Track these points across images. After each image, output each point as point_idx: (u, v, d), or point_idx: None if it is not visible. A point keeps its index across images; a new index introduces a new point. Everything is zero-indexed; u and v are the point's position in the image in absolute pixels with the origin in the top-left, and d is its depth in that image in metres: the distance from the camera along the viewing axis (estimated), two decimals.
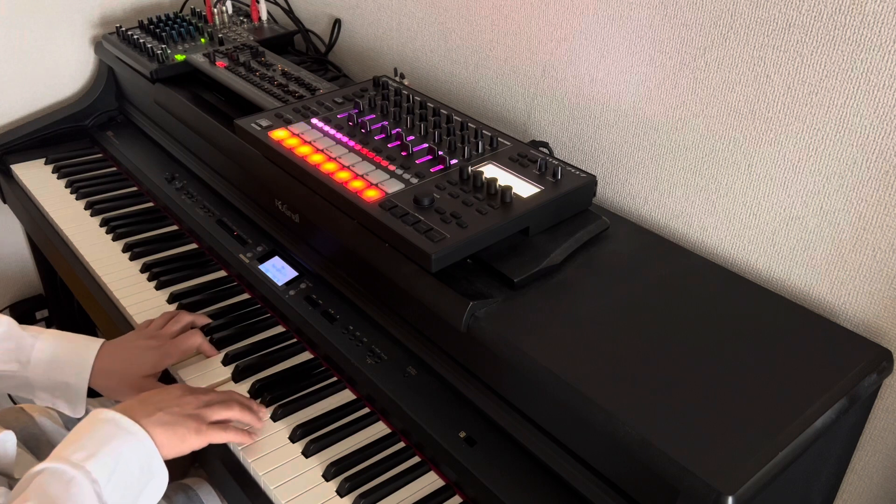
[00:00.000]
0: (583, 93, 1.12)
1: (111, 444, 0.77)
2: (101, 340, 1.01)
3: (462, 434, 0.88)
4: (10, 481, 0.86)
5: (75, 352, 0.98)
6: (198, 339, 1.03)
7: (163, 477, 0.81)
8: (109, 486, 0.75)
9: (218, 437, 0.88)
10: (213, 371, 1.03)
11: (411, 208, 0.90)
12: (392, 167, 0.98)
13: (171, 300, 1.15)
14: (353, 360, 0.98)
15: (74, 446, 0.76)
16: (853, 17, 0.80)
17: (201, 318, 1.09)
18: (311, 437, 0.92)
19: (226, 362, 1.04)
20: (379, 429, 0.95)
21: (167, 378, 1.04)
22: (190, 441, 0.85)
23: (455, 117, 1.10)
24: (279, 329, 1.10)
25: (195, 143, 1.32)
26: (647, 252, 0.97)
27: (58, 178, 1.45)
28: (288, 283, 1.11)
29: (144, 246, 1.26)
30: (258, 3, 1.51)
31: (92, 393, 0.99)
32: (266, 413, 0.96)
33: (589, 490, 0.77)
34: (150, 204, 1.38)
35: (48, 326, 1.75)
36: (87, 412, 1.05)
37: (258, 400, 0.97)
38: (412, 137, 1.04)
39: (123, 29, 1.47)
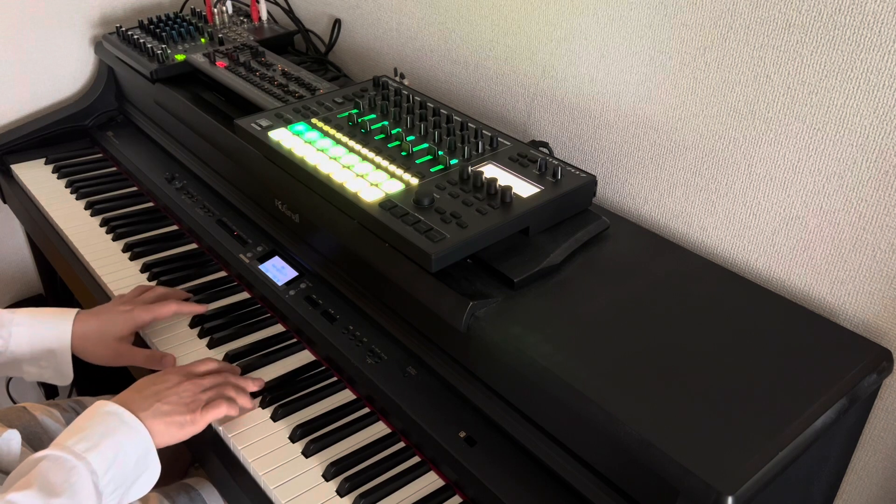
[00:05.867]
0: (583, 93, 1.12)
1: (113, 438, 0.80)
2: (76, 309, 1.04)
3: (462, 434, 0.88)
4: None
5: (53, 320, 1.02)
6: (172, 306, 1.06)
7: (155, 469, 0.84)
8: (107, 478, 0.78)
9: (212, 415, 0.90)
10: None
11: (411, 208, 0.90)
12: (392, 167, 0.98)
13: None
14: (353, 360, 0.98)
15: (77, 437, 0.78)
16: (853, 17, 0.80)
17: (179, 292, 1.11)
18: (311, 437, 0.92)
19: (225, 361, 1.04)
20: (379, 429, 0.95)
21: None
22: (187, 428, 0.88)
23: (455, 117, 1.10)
24: (279, 329, 1.10)
25: (195, 143, 1.32)
26: (647, 252, 0.97)
27: (58, 178, 1.45)
28: (288, 283, 1.11)
29: (144, 246, 1.26)
30: (258, 3, 1.51)
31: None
32: (255, 404, 0.97)
33: (589, 490, 0.77)
34: (150, 204, 1.38)
35: None
36: (84, 407, 1.07)
37: (258, 399, 0.98)
38: (412, 137, 1.04)
39: (123, 29, 1.47)
